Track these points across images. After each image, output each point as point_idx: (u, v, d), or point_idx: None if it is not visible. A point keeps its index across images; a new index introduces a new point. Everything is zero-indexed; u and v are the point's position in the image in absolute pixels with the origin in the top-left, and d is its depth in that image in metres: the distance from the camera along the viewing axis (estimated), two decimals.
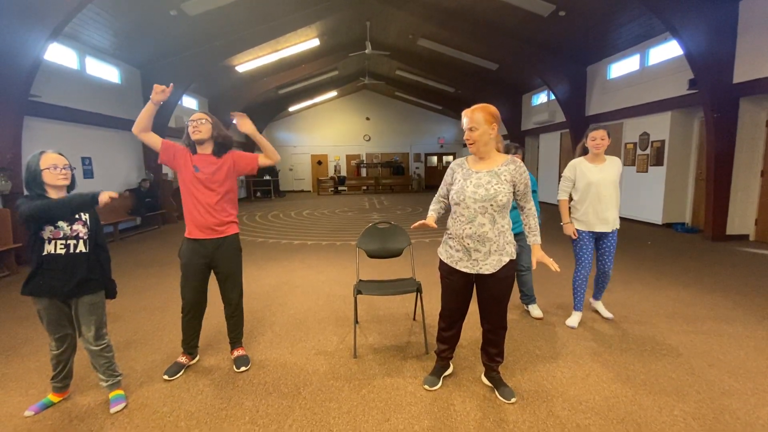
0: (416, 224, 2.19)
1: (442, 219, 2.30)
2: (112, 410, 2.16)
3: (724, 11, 5.96)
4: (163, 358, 2.77)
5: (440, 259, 2.23)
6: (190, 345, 2.63)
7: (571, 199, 3.21)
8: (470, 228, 2.03)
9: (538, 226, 2.14)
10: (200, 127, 2.40)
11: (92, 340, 2.16)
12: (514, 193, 2.07)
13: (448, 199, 2.21)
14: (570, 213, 3.20)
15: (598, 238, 3.15)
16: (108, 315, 2.22)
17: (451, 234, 2.14)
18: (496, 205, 1.99)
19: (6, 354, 2.89)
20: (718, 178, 6.40)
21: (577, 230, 3.14)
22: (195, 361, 2.72)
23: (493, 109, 2.05)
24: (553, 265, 2.10)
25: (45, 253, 2.01)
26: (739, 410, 2.08)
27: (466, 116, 2.05)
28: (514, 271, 2.13)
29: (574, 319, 3.22)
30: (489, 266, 2.05)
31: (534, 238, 2.14)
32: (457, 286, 2.16)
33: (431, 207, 2.31)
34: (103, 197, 2.02)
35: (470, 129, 2.04)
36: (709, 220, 6.59)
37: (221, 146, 2.49)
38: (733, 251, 5.75)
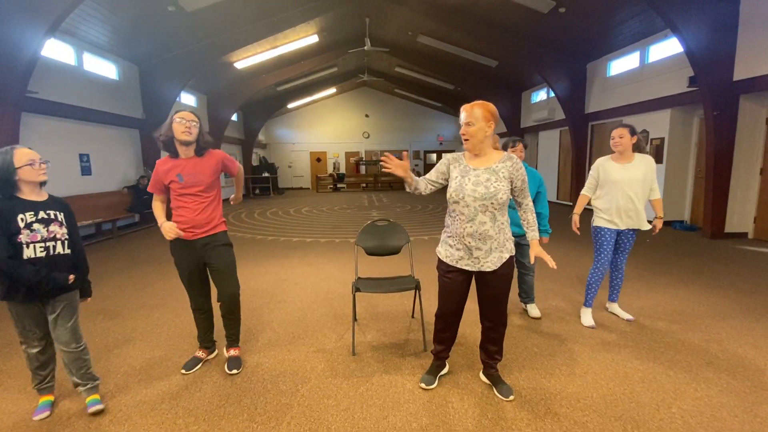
0: (395, 162, 2.01)
1: (441, 216, 2.29)
2: (90, 411, 2.10)
3: (725, 8, 5.93)
4: (161, 356, 2.77)
5: (439, 258, 2.21)
6: (204, 339, 2.69)
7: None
8: (471, 226, 2.02)
9: (536, 222, 2.14)
10: (192, 129, 2.37)
11: (70, 342, 2.08)
12: (512, 189, 2.07)
13: (434, 184, 2.16)
14: (594, 210, 3.18)
15: (618, 235, 3.12)
16: (106, 312, 2.22)
17: (450, 233, 2.12)
18: (496, 203, 1.99)
19: (2, 351, 2.89)
20: (718, 175, 6.39)
21: (600, 227, 3.10)
22: (213, 355, 2.75)
23: (492, 107, 2.04)
24: (551, 262, 2.10)
25: (25, 257, 1.92)
26: (737, 408, 2.09)
27: (465, 111, 2.04)
28: (513, 267, 2.12)
29: (587, 317, 3.19)
30: (490, 263, 2.05)
31: (532, 234, 2.14)
32: (456, 284, 2.15)
33: (421, 178, 2.17)
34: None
35: (467, 124, 2.02)
36: (707, 218, 6.59)
37: (203, 146, 2.47)
38: (732, 249, 5.76)
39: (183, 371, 2.53)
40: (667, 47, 7.52)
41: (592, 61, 9.70)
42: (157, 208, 2.53)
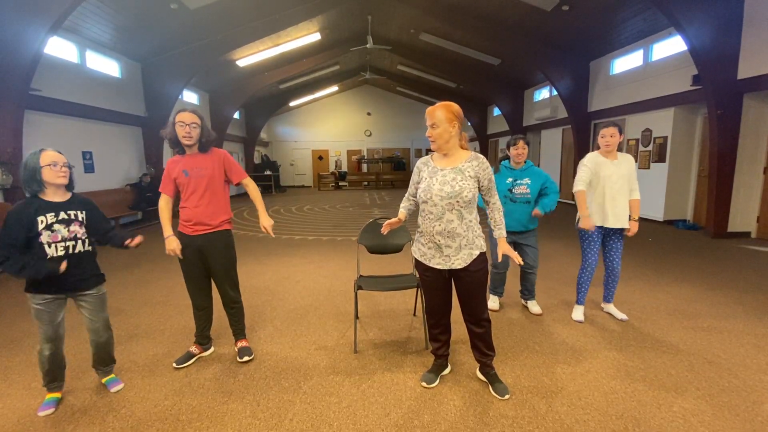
0: (386, 224, 2.24)
1: (414, 216, 2.31)
2: (114, 390, 2.30)
3: (729, 6, 5.90)
4: (164, 352, 2.79)
5: (415, 258, 2.26)
6: (201, 336, 2.71)
7: None
8: (439, 225, 2.07)
9: (503, 221, 2.19)
10: (192, 132, 2.43)
11: (104, 331, 2.26)
12: (479, 188, 2.11)
13: (416, 197, 2.24)
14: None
15: (606, 235, 3.13)
16: (109, 309, 2.26)
17: (422, 231, 2.18)
18: (462, 201, 2.03)
19: (9, 347, 2.91)
20: (721, 174, 6.37)
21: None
22: (208, 353, 2.77)
23: (455, 107, 2.08)
24: (517, 258, 2.18)
25: (48, 257, 2.01)
26: (739, 407, 2.09)
27: (428, 114, 2.08)
28: (486, 263, 2.16)
29: (578, 313, 3.24)
30: (460, 261, 2.10)
31: (499, 232, 2.19)
32: (435, 282, 2.20)
33: (402, 205, 2.34)
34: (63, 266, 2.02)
35: (431, 126, 2.07)
36: (710, 217, 6.56)
37: (206, 143, 2.52)
38: (735, 248, 5.74)
39: (175, 365, 2.57)
40: (671, 45, 7.47)
41: (595, 59, 9.65)
42: (164, 217, 2.56)
